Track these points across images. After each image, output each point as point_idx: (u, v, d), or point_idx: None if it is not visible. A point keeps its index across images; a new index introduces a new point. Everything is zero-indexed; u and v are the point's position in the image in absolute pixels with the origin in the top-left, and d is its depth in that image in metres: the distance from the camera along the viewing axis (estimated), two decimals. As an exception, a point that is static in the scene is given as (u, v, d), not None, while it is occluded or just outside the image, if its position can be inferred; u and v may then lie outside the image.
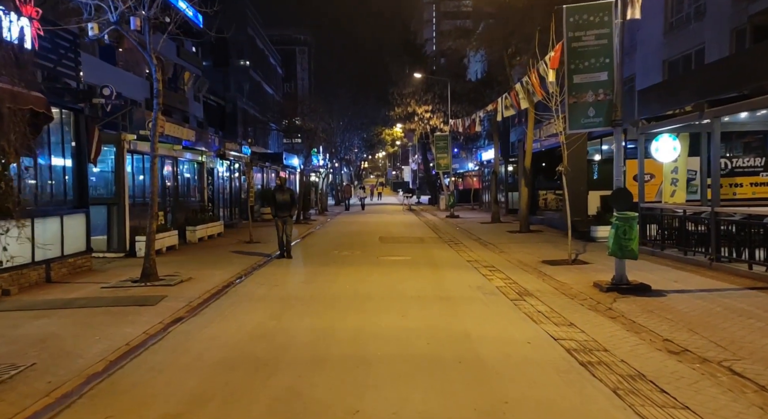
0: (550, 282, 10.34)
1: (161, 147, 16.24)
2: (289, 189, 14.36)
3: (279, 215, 13.75)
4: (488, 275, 11.28)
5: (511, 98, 17.34)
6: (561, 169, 12.99)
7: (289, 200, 13.82)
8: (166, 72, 30.70)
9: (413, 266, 12.61)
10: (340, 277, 11.08)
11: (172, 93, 36.17)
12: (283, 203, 13.73)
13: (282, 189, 14.08)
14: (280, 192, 13.92)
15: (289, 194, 13.99)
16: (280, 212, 13.75)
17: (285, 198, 13.77)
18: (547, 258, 13.45)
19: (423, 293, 9.33)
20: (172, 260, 13.54)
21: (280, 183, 14.55)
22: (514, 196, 30.37)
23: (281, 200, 13.74)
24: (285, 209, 13.74)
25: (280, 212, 13.74)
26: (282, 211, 13.75)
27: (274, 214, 13.91)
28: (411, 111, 35.60)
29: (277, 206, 13.76)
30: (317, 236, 20.79)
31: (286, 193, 13.93)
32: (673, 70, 23.02)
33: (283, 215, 13.72)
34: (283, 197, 13.77)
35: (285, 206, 13.74)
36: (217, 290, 9.72)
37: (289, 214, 13.82)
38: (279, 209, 13.76)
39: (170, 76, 36.60)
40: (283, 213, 13.73)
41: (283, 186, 14.31)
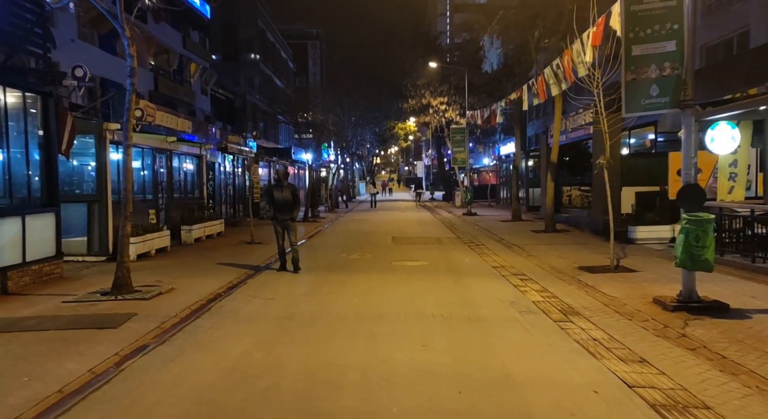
0: (595, 296, 8.67)
1: (152, 139, 14.75)
2: (291, 185, 11.26)
3: (279, 217, 11.03)
4: (520, 285, 9.63)
5: (538, 85, 15.62)
6: (602, 162, 11.28)
7: (290, 198, 10.96)
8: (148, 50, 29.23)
9: (432, 273, 10.99)
10: (347, 288, 9.47)
11: (178, 85, 34.78)
12: (283, 202, 10.94)
13: (281, 185, 11.09)
14: (279, 189, 11.04)
15: (291, 192, 11.02)
16: (279, 213, 11.01)
17: (286, 196, 10.94)
18: (584, 264, 11.78)
19: (446, 311, 7.71)
20: (159, 265, 12.01)
21: (278, 177, 11.35)
22: (535, 192, 28.63)
23: (281, 199, 10.95)
24: (286, 211, 10.96)
25: (280, 213, 11.00)
26: (283, 212, 10.98)
27: (272, 216, 11.15)
28: (425, 103, 33.92)
29: (276, 207, 11.01)
30: (325, 236, 19.22)
31: (286, 190, 11.01)
32: (711, 56, 21.18)
33: (284, 217, 10.99)
34: (283, 195, 10.96)
35: (286, 206, 10.94)
36: (200, 305, 8.16)
37: (291, 216, 11.00)
38: (279, 211, 11.00)
39: (175, 68, 35.24)
40: (283, 215, 10.99)
41: (283, 181, 11.17)
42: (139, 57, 30.21)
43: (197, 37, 39.73)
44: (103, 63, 25.29)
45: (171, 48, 34.74)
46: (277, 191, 11.08)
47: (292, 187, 11.25)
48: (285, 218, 11.04)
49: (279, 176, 11.38)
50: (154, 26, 31.20)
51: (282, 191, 11.05)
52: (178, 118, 15.64)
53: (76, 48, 23.48)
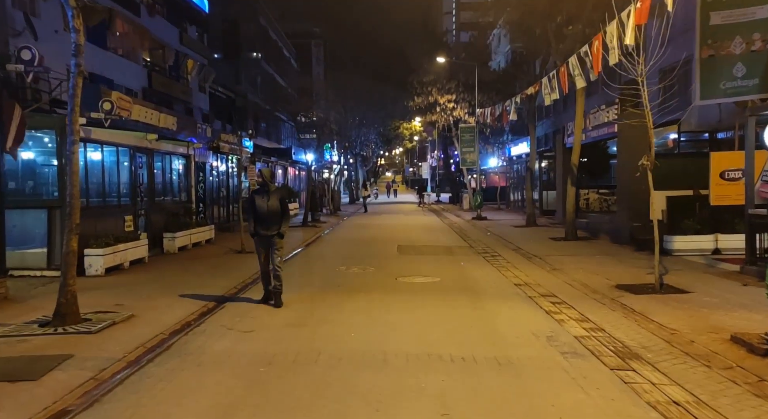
0: (649, 328, 7.01)
1: (129, 136, 13.14)
2: (280, 190, 9.00)
3: (262, 233, 8.38)
4: (554, 312, 7.96)
5: (560, 78, 13.96)
6: (645, 162, 9.61)
7: (278, 207, 8.33)
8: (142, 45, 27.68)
9: (444, 293, 9.32)
10: (343, 315, 7.82)
11: (174, 82, 33.20)
12: (268, 213, 8.28)
13: (266, 191, 8.41)
14: (264, 196, 8.35)
15: (279, 199, 8.38)
16: (263, 228, 8.34)
17: (272, 205, 8.29)
18: (621, 281, 10.12)
19: (468, 352, 6.05)
20: (129, 281, 10.39)
21: (262, 181, 8.60)
22: (549, 195, 26.95)
23: (265, 209, 8.29)
24: (272, 224, 8.31)
25: (264, 228, 8.34)
26: (267, 226, 8.32)
27: (252, 232, 8.48)
28: (432, 101, 32.23)
29: (259, 219, 8.36)
30: (324, 244, 17.58)
31: (273, 196, 8.35)
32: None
33: (268, 233, 8.32)
34: (268, 203, 8.29)
35: (272, 217, 8.30)
36: (159, 340, 6.53)
37: (279, 231, 8.34)
38: (262, 224, 8.35)
39: (171, 64, 33.61)
40: (268, 230, 8.32)
41: (269, 185, 8.50)
42: (132, 52, 28.82)
43: (195, 33, 38.20)
44: (92, 57, 23.70)
45: (166, 43, 33.02)
46: (261, 198, 8.36)
47: (282, 192, 8.68)
48: (270, 234, 8.32)
49: (263, 179, 8.57)
50: (148, 20, 29.65)
51: (267, 198, 8.33)
52: (161, 113, 14.02)
53: (60, 40, 21.86)
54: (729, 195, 13.03)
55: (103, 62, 24.64)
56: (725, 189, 12.96)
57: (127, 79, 27.01)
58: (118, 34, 28.00)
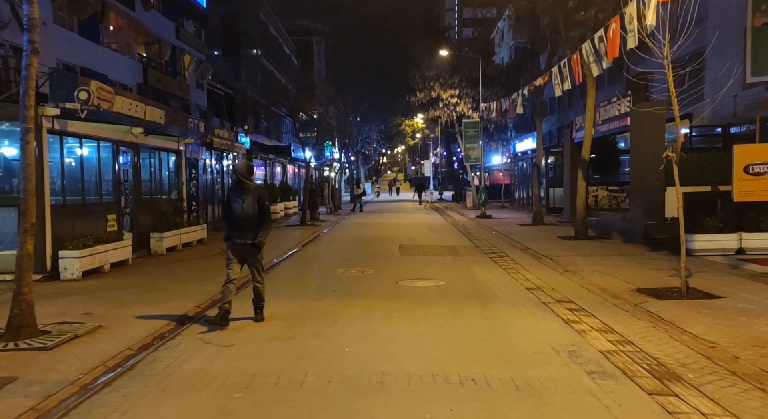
0: (683, 340, 6.17)
1: (111, 130, 12.31)
2: (259, 189, 7.30)
3: (236, 238, 7.06)
4: (573, 321, 7.11)
5: (573, 66, 13.09)
6: (670, 155, 8.74)
7: (254, 210, 6.95)
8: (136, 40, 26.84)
9: (450, 299, 8.47)
10: (337, 326, 6.97)
11: (170, 78, 32.35)
12: (243, 216, 6.96)
13: (242, 189, 7.03)
14: (238, 196, 7.00)
15: (256, 199, 6.97)
16: (237, 234, 7.04)
17: (248, 207, 6.93)
18: (642, 284, 9.28)
19: (479, 372, 5.21)
20: (106, 286, 9.55)
21: (236, 178, 7.15)
22: (556, 192, 26.05)
23: (239, 212, 6.97)
24: (247, 229, 6.97)
25: (238, 234, 7.03)
26: (241, 232, 7.00)
27: (226, 235, 7.20)
28: (435, 96, 31.35)
29: (232, 223, 7.09)
30: (321, 244, 16.73)
31: (249, 197, 6.96)
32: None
33: (242, 240, 7.01)
34: (244, 204, 6.93)
35: (247, 222, 6.96)
36: (125, 356, 5.69)
37: (255, 240, 7.00)
38: (235, 229, 7.05)
39: (167, 60, 32.82)
40: (243, 237, 7.00)
41: (246, 183, 7.07)
42: (127, 47, 27.98)
43: (192, 28, 37.36)
44: (83, 51, 22.96)
45: (162, 38, 32.35)
46: (235, 197, 7.01)
47: (260, 191, 7.19)
48: (245, 242, 6.98)
49: (238, 175, 7.10)
50: (144, 14, 28.83)
51: (242, 198, 6.95)
52: (147, 106, 13.16)
53: (50, 33, 21.05)
54: (754, 191, 12.19)
55: (96, 57, 23.82)
56: (750, 185, 12.11)
57: (121, 74, 26.17)
58: (111, 28, 27.16)
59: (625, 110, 17.61)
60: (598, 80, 15.32)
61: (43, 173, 9.88)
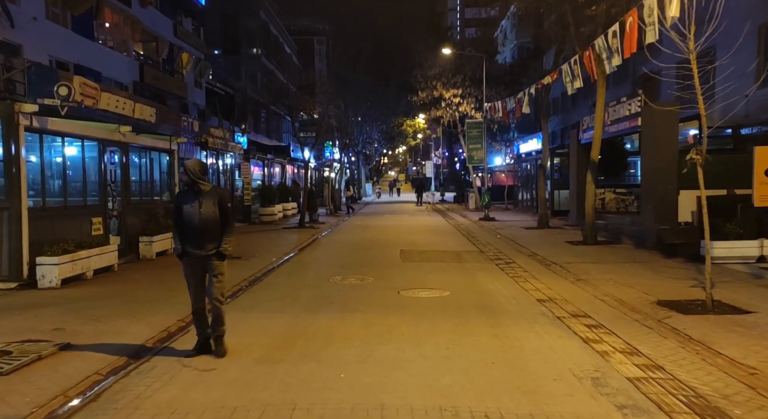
0: (718, 364, 5.51)
1: (97, 128, 11.66)
2: (217, 191, 6.01)
3: (192, 252, 5.85)
4: (592, 339, 6.44)
5: (586, 62, 12.43)
6: (696, 157, 8.07)
7: (213, 216, 5.78)
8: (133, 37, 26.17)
9: (457, 314, 7.79)
10: (332, 346, 6.29)
11: (168, 76, 31.72)
12: (200, 224, 5.75)
13: (196, 192, 5.82)
14: (193, 199, 5.80)
15: (215, 203, 5.80)
16: (193, 245, 5.83)
17: (205, 213, 5.75)
18: (662, 295, 8.62)
19: (492, 405, 4.54)
20: (86, 295, 8.89)
21: (188, 179, 5.84)
22: (561, 195, 25.36)
23: (195, 219, 5.76)
24: (206, 238, 5.79)
25: (194, 245, 5.82)
26: (198, 242, 5.80)
27: (179, 250, 5.93)
28: (437, 96, 30.72)
29: (186, 233, 5.85)
30: (319, 248, 16.05)
31: (206, 201, 5.78)
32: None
33: (201, 251, 5.81)
34: (201, 210, 5.74)
35: (205, 230, 5.77)
36: (91, 382, 5.02)
37: (215, 251, 5.81)
38: (190, 239, 5.83)
39: (165, 58, 32.17)
40: (199, 249, 5.81)
41: (200, 185, 5.82)
42: (123, 44, 27.34)
43: (190, 25, 36.73)
44: (77, 48, 22.35)
45: (160, 35, 31.70)
46: (188, 202, 5.79)
47: (219, 192, 6.03)
48: (202, 254, 5.78)
49: (190, 175, 5.78)
50: (140, 11, 28.19)
51: (198, 202, 5.75)
52: (136, 103, 12.50)
53: (41, 28, 20.46)
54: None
55: (90, 54, 23.20)
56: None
57: (116, 72, 25.55)
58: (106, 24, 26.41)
59: (636, 109, 16.95)
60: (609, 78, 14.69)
61: (20, 174, 9.23)
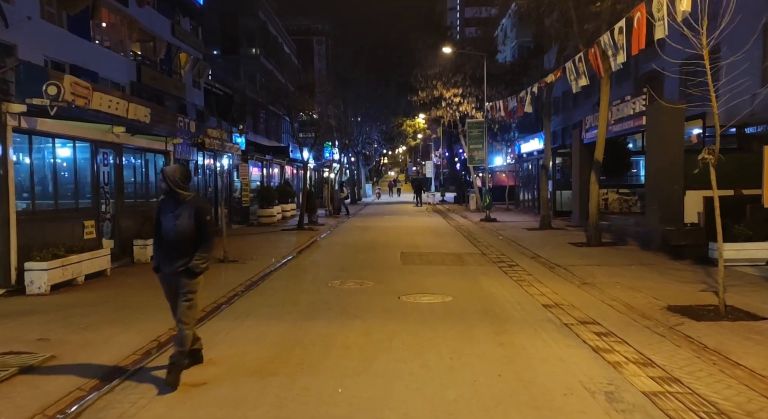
0: (737, 374, 5.23)
1: (89, 129, 11.37)
2: (197, 201, 5.28)
3: (165, 267, 5.28)
4: (603, 349, 6.14)
5: (591, 59, 12.13)
6: (708, 157, 7.78)
7: (189, 228, 5.15)
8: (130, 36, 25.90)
9: (460, 320, 7.49)
10: (330, 356, 5.99)
11: (166, 77, 31.43)
12: (174, 236, 5.18)
13: (174, 202, 5.24)
14: (173, 208, 5.23)
15: (192, 214, 5.15)
16: (167, 259, 5.25)
17: (181, 225, 5.15)
18: (672, 300, 8.33)
19: (501, 423, 4.25)
20: (76, 301, 8.59)
21: (166, 187, 5.20)
22: (563, 195, 25.08)
23: (170, 230, 5.20)
24: (178, 252, 5.19)
25: (168, 259, 5.24)
26: (170, 256, 5.24)
27: (156, 263, 5.42)
28: (437, 95, 30.40)
29: (162, 245, 5.31)
30: (318, 251, 15.75)
31: (183, 211, 5.17)
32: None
33: (173, 267, 5.20)
34: (177, 222, 5.16)
35: (178, 243, 5.18)
36: (71, 400, 4.72)
37: (187, 266, 5.16)
38: (165, 253, 5.28)
39: (162, 58, 31.85)
40: (173, 263, 5.20)
41: (181, 193, 5.21)
42: (120, 44, 27.03)
43: (188, 25, 36.44)
44: (72, 48, 22.04)
45: (157, 35, 31.38)
46: (167, 212, 5.23)
47: (198, 203, 5.24)
48: (172, 270, 5.17)
49: (169, 183, 5.16)
50: (138, 10, 27.90)
51: (176, 212, 5.16)
52: (129, 103, 12.21)
53: (36, 28, 20.15)
54: (787, 196, 11.22)
55: (86, 54, 22.89)
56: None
57: (113, 72, 25.25)
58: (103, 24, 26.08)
59: (641, 108, 16.66)
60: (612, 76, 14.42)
61: (7, 176, 8.93)
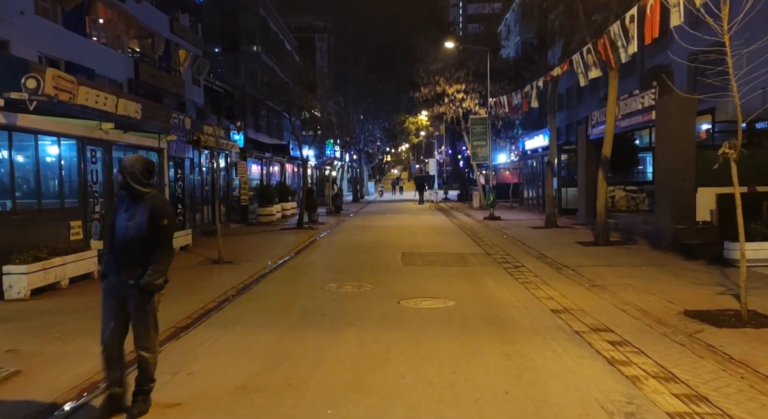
0: (770, 391, 4.71)
1: (75, 125, 10.87)
2: (156, 199, 4.36)
3: (115, 273, 4.34)
4: (619, 361, 5.62)
5: (601, 51, 11.59)
6: (728, 151, 7.25)
7: (140, 232, 4.24)
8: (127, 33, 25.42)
9: (463, 328, 6.98)
10: (321, 370, 5.50)
11: (164, 74, 30.95)
12: (126, 240, 4.27)
13: (133, 200, 4.33)
14: (127, 207, 4.35)
15: (147, 215, 4.23)
16: (117, 269, 4.31)
17: (133, 228, 4.25)
18: (689, 305, 7.81)
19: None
20: (54, 308, 8.10)
21: (122, 180, 4.29)
22: (569, 193, 24.53)
23: (122, 233, 4.29)
24: (129, 260, 4.28)
25: (119, 269, 4.31)
26: (119, 264, 4.32)
27: (103, 271, 4.49)
28: (440, 91, 29.83)
29: (115, 251, 4.35)
30: (317, 251, 15.26)
31: (139, 211, 4.27)
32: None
33: (122, 276, 4.29)
34: (128, 224, 4.27)
35: (130, 249, 4.26)
36: (32, 422, 4.26)
37: (140, 280, 4.22)
38: (117, 260, 4.33)
39: (161, 54, 31.39)
40: (124, 273, 4.28)
41: (138, 191, 4.30)
42: (117, 40, 26.56)
43: (187, 22, 35.98)
44: (67, 44, 21.57)
45: (156, 31, 30.95)
46: (120, 211, 4.41)
47: (155, 202, 4.35)
48: (124, 281, 4.28)
49: (126, 177, 4.29)
50: (135, 6, 27.42)
51: (129, 212, 4.33)
52: (119, 98, 11.72)
53: (30, 23, 19.68)
54: (807, 193, 10.72)
55: (82, 50, 22.41)
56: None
57: (110, 69, 24.77)
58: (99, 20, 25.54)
59: (650, 102, 16.13)
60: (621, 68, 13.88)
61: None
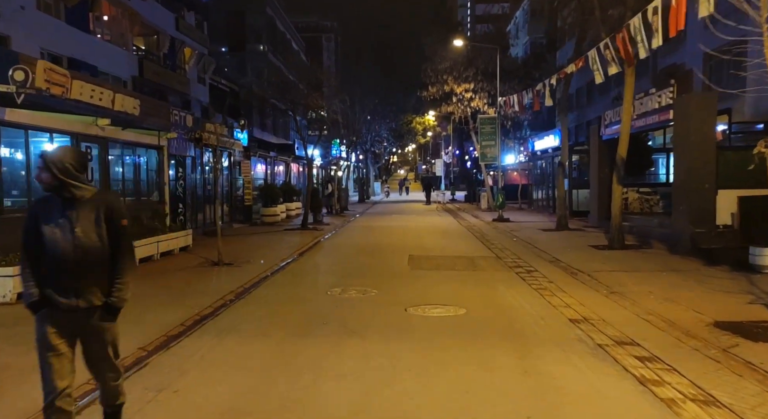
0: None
1: (70, 121, 10.42)
2: (107, 198, 3.44)
3: (61, 297, 3.29)
4: (650, 380, 5.08)
5: (620, 45, 11.02)
6: (765, 151, 6.70)
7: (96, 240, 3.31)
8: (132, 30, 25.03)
9: (475, 339, 6.45)
10: (320, 392, 4.98)
11: (169, 72, 30.57)
12: (78, 253, 3.27)
13: (70, 202, 3.31)
14: (64, 211, 3.31)
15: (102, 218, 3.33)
16: (61, 287, 3.29)
17: (86, 237, 3.29)
18: (718, 315, 7.27)
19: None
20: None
21: (55, 182, 3.25)
22: (580, 194, 23.94)
23: (70, 245, 3.27)
24: (81, 277, 3.30)
25: (58, 286, 3.29)
26: (65, 284, 3.30)
27: (31, 296, 3.31)
28: (448, 90, 29.34)
29: (49, 267, 3.29)
30: (321, 253, 14.76)
31: (83, 216, 3.30)
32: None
33: (71, 301, 3.30)
34: (77, 230, 3.28)
35: (80, 264, 3.28)
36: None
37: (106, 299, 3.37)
38: (57, 279, 3.29)
39: (166, 52, 31.04)
40: (68, 293, 3.29)
41: (76, 189, 3.30)
42: (121, 37, 26.17)
43: (193, 20, 35.62)
44: (70, 40, 21.19)
45: (161, 29, 30.58)
46: (55, 218, 3.31)
47: (108, 202, 3.42)
48: (79, 306, 3.31)
49: (58, 173, 3.24)
50: (140, 3, 27.05)
51: (70, 217, 3.30)
52: (116, 93, 11.26)
53: (31, 19, 19.30)
54: (838, 196, 10.14)
55: (85, 47, 22.02)
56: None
57: (114, 66, 24.38)
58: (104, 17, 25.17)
59: (667, 101, 15.57)
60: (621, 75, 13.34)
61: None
